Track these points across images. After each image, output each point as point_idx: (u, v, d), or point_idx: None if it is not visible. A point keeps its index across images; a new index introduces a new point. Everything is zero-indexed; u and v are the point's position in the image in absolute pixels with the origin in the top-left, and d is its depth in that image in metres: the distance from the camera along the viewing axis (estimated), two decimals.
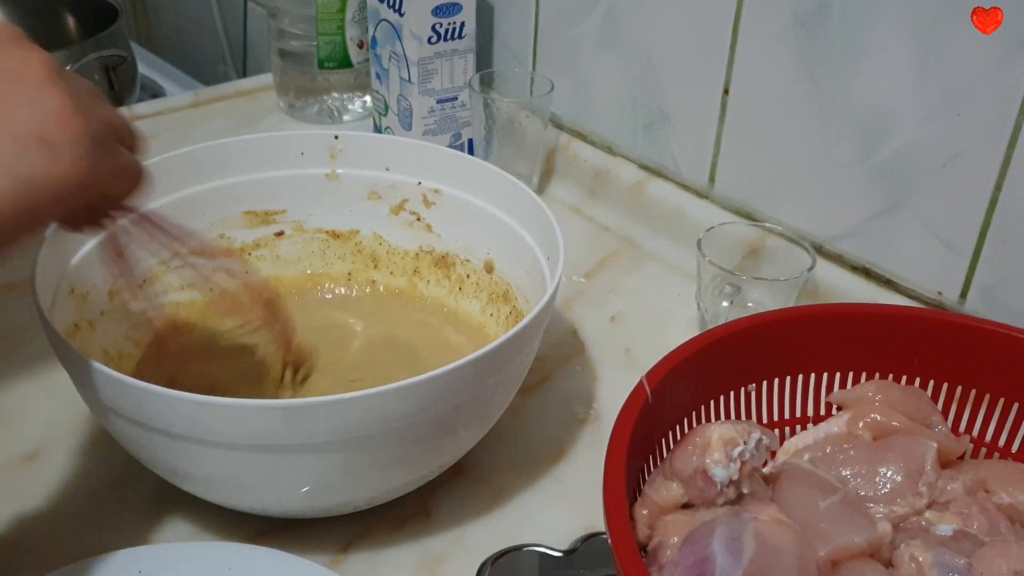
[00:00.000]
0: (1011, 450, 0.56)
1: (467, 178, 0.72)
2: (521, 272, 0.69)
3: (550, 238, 0.64)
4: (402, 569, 0.58)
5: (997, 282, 0.69)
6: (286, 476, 0.53)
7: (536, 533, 0.59)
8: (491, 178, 0.71)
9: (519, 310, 0.69)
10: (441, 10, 0.91)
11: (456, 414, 0.55)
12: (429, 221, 0.75)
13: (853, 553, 0.48)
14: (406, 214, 0.75)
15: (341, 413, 0.50)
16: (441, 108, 0.96)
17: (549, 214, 0.65)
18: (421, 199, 0.74)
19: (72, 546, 0.57)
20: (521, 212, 0.69)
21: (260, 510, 0.58)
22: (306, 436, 0.50)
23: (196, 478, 0.56)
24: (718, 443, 0.49)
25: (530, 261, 0.68)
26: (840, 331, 0.58)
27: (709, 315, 0.75)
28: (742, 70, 0.81)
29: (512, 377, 0.59)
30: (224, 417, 0.49)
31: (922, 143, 0.70)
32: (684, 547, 0.47)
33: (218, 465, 0.53)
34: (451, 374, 0.52)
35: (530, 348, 0.60)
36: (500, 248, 0.71)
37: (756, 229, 0.78)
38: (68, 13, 1.38)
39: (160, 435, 0.52)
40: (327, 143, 0.73)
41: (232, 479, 0.54)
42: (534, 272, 0.67)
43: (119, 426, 0.54)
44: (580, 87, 0.96)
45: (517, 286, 0.70)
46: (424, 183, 0.74)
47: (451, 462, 0.60)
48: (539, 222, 0.67)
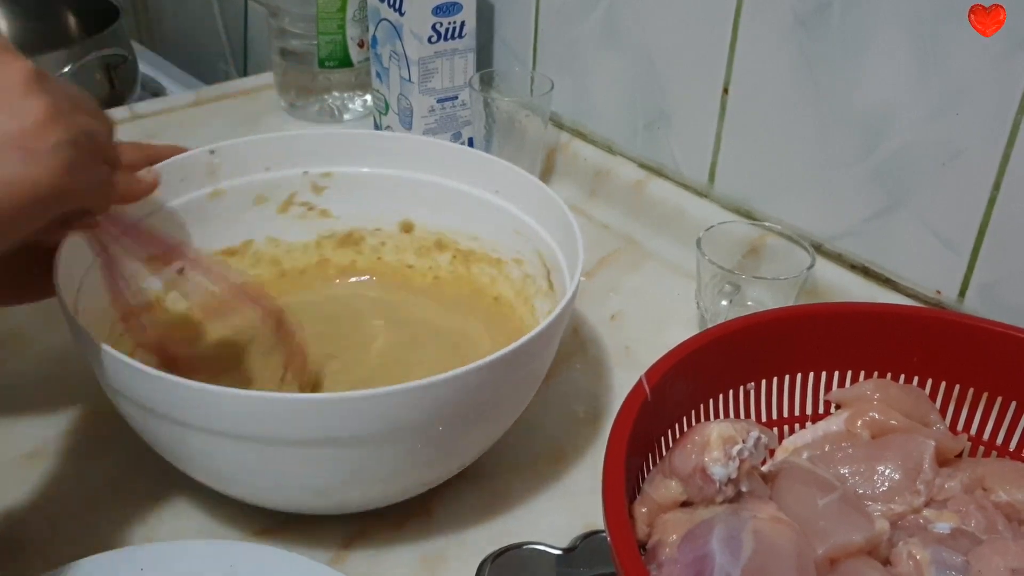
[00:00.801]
0: (1009, 448, 0.56)
1: (355, 153, 0.73)
2: (455, 219, 0.74)
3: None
4: (402, 567, 0.58)
5: (996, 281, 0.69)
6: (322, 468, 0.54)
7: (536, 531, 0.59)
8: (375, 141, 0.74)
9: (462, 250, 0.74)
10: (441, 9, 0.92)
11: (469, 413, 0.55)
12: (324, 207, 0.74)
13: (851, 551, 0.48)
14: (296, 207, 0.74)
15: (380, 406, 0.51)
16: (441, 107, 0.97)
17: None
18: (310, 187, 0.73)
19: (73, 544, 0.57)
20: (441, 164, 0.73)
21: (274, 505, 0.59)
22: (337, 430, 0.51)
23: (214, 470, 0.56)
24: (717, 441, 0.49)
25: (462, 200, 0.72)
26: (839, 330, 0.58)
27: (709, 314, 0.76)
28: (742, 69, 0.81)
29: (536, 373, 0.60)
30: (252, 410, 0.50)
31: (921, 142, 0.70)
32: (683, 545, 0.47)
33: (239, 457, 0.53)
34: (481, 369, 0.52)
35: (553, 343, 0.60)
36: (420, 204, 0.74)
37: (756, 228, 0.78)
38: (69, 12, 1.38)
39: (200, 432, 0.52)
40: (204, 161, 0.70)
41: (252, 472, 0.55)
42: (467, 210, 0.71)
43: (147, 420, 0.54)
44: (580, 86, 0.96)
45: (452, 229, 0.74)
46: (310, 171, 0.73)
47: (472, 459, 0.61)
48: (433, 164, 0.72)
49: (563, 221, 0.66)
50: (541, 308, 0.70)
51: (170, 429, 0.53)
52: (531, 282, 0.71)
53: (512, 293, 0.73)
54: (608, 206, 0.93)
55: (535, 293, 0.71)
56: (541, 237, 0.69)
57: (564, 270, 0.65)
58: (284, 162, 0.73)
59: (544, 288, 0.70)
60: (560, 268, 0.66)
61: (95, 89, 1.19)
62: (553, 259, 0.68)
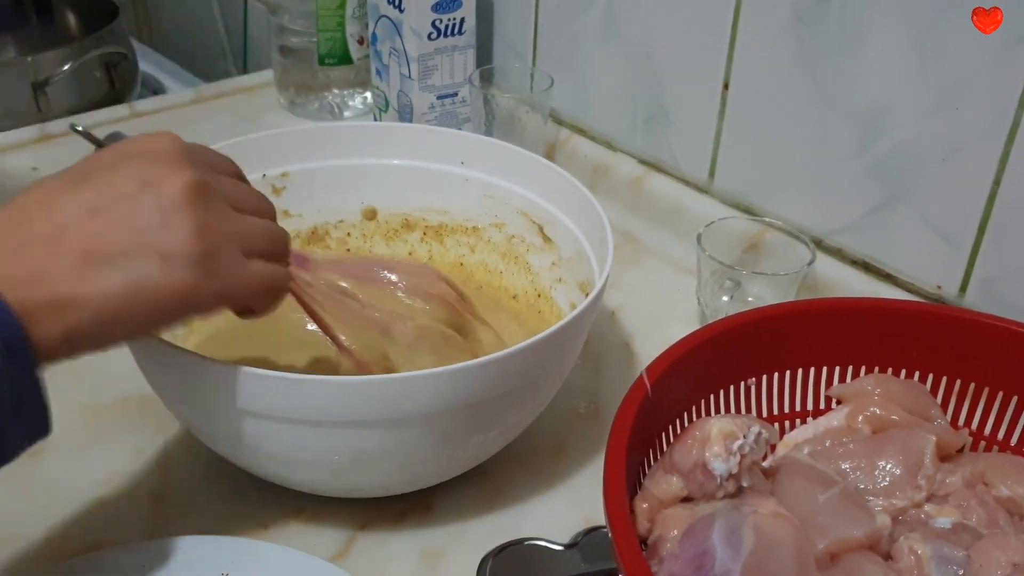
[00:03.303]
0: (1010, 443, 0.56)
1: (309, 149, 0.74)
2: (419, 197, 0.75)
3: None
4: (403, 563, 0.58)
5: (996, 276, 0.69)
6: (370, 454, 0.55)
7: (537, 527, 0.59)
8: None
9: (432, 225, 0.76)
10: (441, 6, 0.92)
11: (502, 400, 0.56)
12: (284, 207, 0.74)
13: (852, 546, 0.48)
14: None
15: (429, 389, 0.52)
16: (441, 104, 0.97)
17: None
18: (271, 190, 0.73)
19: (74, 542, 0.57)
20: (400, 145, 0.74)
21: (309, 487, 0.59)
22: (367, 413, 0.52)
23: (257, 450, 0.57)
24: (718, 437, 0.49)
25: (423, 177, 0.74)
26: (839, 325, 0.58)
27: (709, 309, 0.76)
28: (742, 65, 0.81)
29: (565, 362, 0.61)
30: (286, 392, 0.51)
31: (921, 137, 0.70)
32: (684, 540, 0.47)
33: (275, 439, 0.54)
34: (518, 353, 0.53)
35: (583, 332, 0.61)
36: (380, 189, 0.76)
37: (756, 223, 0.78)
38: (69, 10, 1.38)
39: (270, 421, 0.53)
40: None
41: (284, 452, 0.55)
42: (429, 186, 0.73)
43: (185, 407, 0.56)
44: (580, 82, 0.96)
45: (417, 208, 0.75)
46: (268, 174, 0.73)
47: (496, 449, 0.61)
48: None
49: (545, 174, 0.70)
50: (538, 263, 0.72)
51: (213, 412, 0.54)
52: (519, 242, 0.73)
53: (498, 256, 0.75)
54: (608, 202, 0.92)
55: (527, 251, 0.73)
56: (520, 196, 0.71)
57: (561, 220, 0.68)
58: (242, 167, 0.73)
59: (538, 243, 0.72)
60: (556, 219, 0.69)
61: (95, 87, 1.19)
62: (544, 213, 0.70)
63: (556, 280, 0.71)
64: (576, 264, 0.68)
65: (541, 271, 0.72)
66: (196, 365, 0.52)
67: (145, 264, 0.44)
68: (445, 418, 0.54)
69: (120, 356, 0.58)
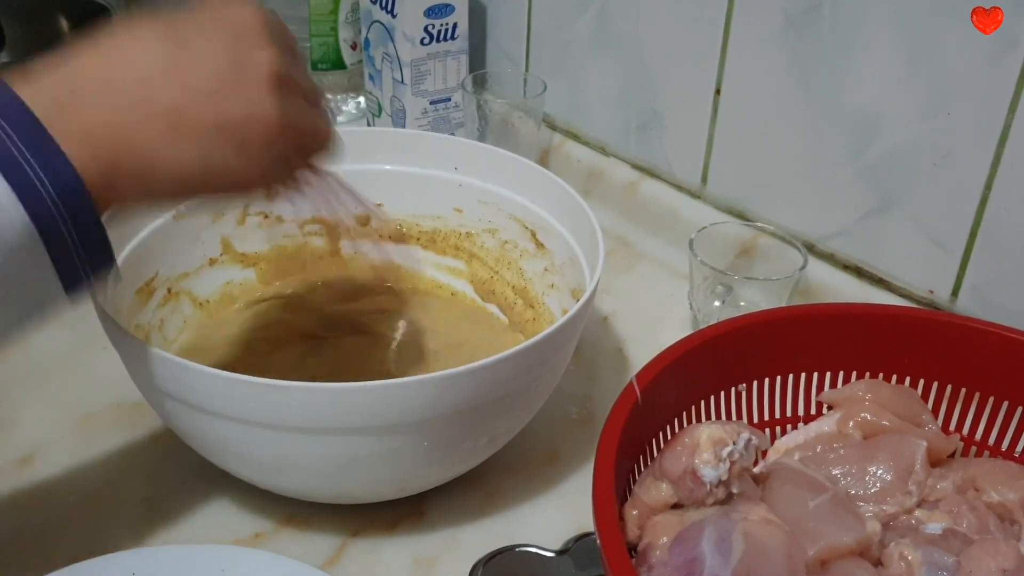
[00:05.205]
0: (1001, 448, 0.56)
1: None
2: (412, 203, 0.76)
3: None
4: (395, 570, 0.58)
5: (988, 281, 0.69)
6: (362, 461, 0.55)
7: (529, 533, 0.59)
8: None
9: (426, 231, 0.76)
10: (434, 11, 0.92)
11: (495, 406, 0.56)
12: (278, 213, 0.74)
13: (842, 552, 0.48)
14: (252, 217, 0.74)
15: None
16: (434, 109, 0.97)
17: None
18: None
19: (66, 549, 0.57)
20: (393, 151, 0.74)
21: (294, 492, 0.59)
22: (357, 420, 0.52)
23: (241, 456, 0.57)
24: (707, 443, 0.49)
25: (416, 183, 0.74)
26: (831, 330, 0.58)
27: (702, 315, 0.76)
28: (734, 70, 0.81)
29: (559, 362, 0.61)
30: (271, 399, 0.51)
31: (913, 142, 0.70)
32: (673, 547, 0.47)
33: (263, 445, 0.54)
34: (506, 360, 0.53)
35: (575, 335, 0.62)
36: (374, 195, 0.74)
37: (748, 229, 0.78)
38: (60, 14, 1.38)
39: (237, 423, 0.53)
40: None
41: (274, 459, 0.55)
42: (422, 192, 0.74)
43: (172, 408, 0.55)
44: (573, 88, 0.96)
45: (411, 214, 0.76)
46: None
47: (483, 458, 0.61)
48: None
49: (538, 180, 0.70)
50: (531, 269, 0.72)
51: (201, 417, 0.54)
52: (512, 247, 0.73)
53: (492, 261, 0.75)
54: (601, 207, 0.92)
55: (520, 256, 0.73)
56: (513, 201, 0.71)
57: (554, 226, 0.69)
58: None
59: (531, 249, 0.72)
60: (549, 225, 0.70)
61: None
62: (537, 219, 0.70)
63: (548, 286, 0.71)
64: (569, 270, 0.68)
65: (534, 277, 0.72)
66: (185, 371, 0.52)
67: (224, 147, 0.46)
68: (435, 424, 0.54)
69: (111, 362, 0.58)
